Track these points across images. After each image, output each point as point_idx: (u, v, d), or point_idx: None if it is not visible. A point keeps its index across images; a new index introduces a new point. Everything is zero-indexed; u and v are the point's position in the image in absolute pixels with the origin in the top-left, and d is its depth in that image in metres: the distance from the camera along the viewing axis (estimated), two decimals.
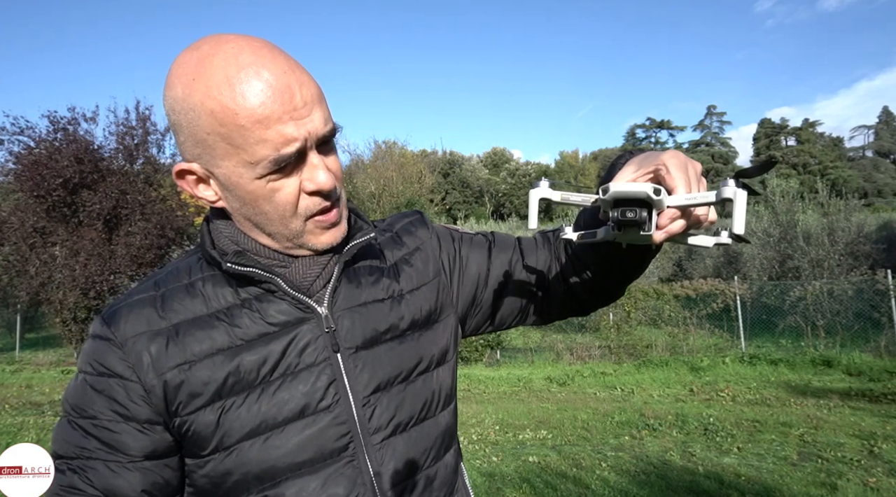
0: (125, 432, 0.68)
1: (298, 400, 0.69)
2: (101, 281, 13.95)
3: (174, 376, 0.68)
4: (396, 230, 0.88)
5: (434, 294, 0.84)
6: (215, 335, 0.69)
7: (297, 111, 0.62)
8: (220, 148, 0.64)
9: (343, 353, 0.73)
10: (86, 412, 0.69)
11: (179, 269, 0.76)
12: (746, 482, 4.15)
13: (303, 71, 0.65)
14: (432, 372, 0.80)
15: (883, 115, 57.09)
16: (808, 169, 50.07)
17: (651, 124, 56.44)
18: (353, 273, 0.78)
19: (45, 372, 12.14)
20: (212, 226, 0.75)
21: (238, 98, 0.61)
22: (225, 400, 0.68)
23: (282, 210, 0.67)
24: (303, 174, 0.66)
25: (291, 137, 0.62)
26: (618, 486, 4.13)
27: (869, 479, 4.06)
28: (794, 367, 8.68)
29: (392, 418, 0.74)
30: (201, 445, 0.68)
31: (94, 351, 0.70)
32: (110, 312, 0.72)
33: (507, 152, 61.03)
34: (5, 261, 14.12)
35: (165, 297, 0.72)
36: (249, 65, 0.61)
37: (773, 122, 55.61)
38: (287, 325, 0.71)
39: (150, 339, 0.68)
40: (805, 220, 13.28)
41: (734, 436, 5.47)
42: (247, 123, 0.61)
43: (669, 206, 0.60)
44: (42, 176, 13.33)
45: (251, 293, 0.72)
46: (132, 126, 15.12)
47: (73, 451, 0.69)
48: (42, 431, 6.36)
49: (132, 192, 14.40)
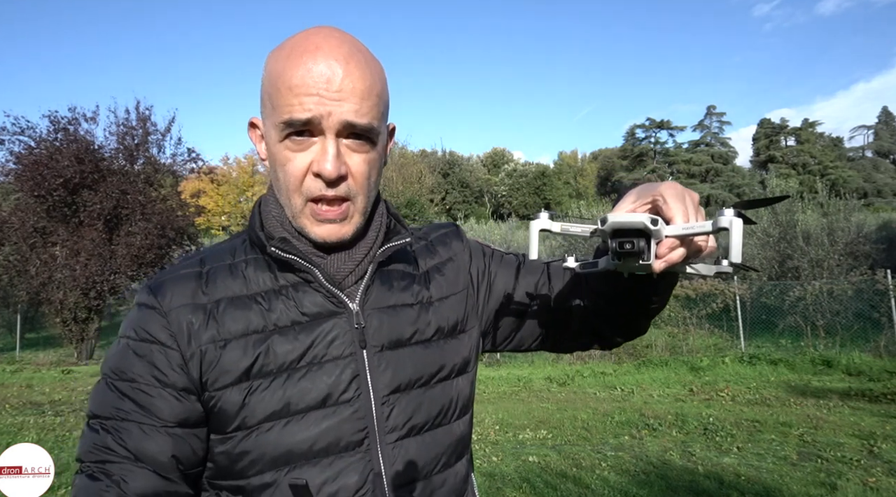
0: (161, 397, 0.70)
1: (322, 389, 0.72)
2: (102, 281, 13.95)
3: (209, 351, 0.71)
4: (431, 239, 0.90)
5: (461, 305, 0.85)
6: (251, 317, 0.72)
7: (328, 93, 0.67)
8: (267, 107, 0.71)
9: (369, 350, 0.75)
10: (125, 375, 0.71)
11: (225, 249, 0.79)
12: (746, 482, 4.15)
13: (363, 68, 0.69)
14: (452, 380, 0.82)
15: (882, 116, 57.08)
16: (807, 169, 50.04)
17: (651, 124, 56.37)
18: (386, 275, 0.80)
19: (45, 372, 12.13)
20: (262, 207, 0.79)
21: (288, 66, 0.68)
22: (252, 381, 0.71)
23: (289, 180, 0.71)
24: (316, 155, 0.70)
25: (307, 108, 0.67)
26: (618, 486, 4.13)
27: (869, 479, 4.06)
28: (793, 367, 8.68)
29: (408, 420, 0.75)
30: (225, 422, 0.71)
31: (138, 318, 0.73)
32: (157, 283, 0.75)
33: (507, 152, 61.02)
34: (5, 261, 14.11)
35: (209, 275, 0.75)
36: (313, 45, 0.68)
37: (772, 122, 55.60)
38: (319, 317, 0.74)
39: (191, 312, 0.72)
40: (805, 220, 13.28)
41: (734, 436, 5.48)
42: (282, 88, 0.68)
43: (668, 236, 0.61)
44: (42, 176, 13.33)
45: (289, 280, 0.75)
46: (132, 126, 15.13)
47: (109, 411, 0.71)
48: (42, 431, 6.36)
49: (132, 192, 14.40)
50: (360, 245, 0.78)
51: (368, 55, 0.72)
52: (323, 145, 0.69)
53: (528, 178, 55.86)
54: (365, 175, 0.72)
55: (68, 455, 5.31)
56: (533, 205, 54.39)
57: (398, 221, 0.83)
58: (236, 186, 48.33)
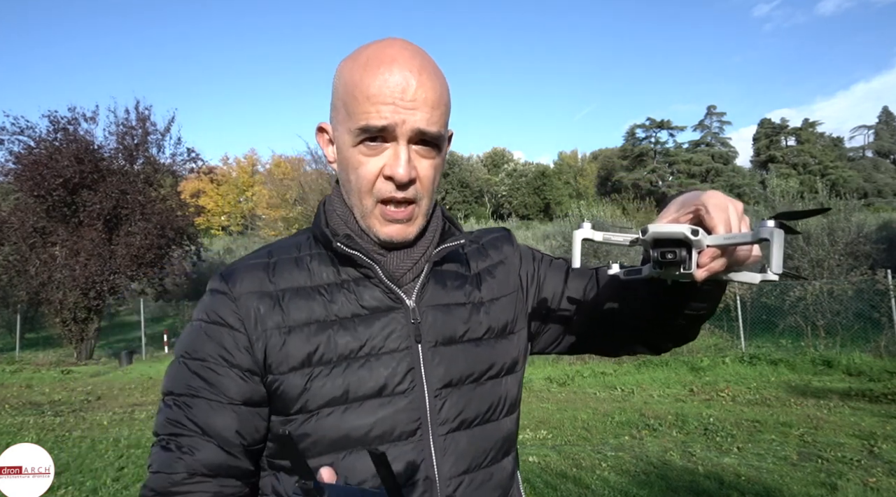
0: (228, 376, 0.75)
1: (378, 379, 0.75)
2: (101, 281, 13.95)
3: (274, 336, 0.76)
4: (483, 242, 0.94)
5: (511, 307, 0.89)
6: (314, 307, 0.77)
7: (403, 102, 0.72)
8: (341, 113, 0.76)
9: (423, 345, 0.79)
10: (196, 354, 0.77)
11: (291, 243, 0.85)
12: (746, 482, 4.15)
13: (433, 79, 0.75)
14: (501, 378, 0.85)
15: (883, 116, 57.09)
16: (808, 169, 50.04)
17: (651, 124, 56.36)
18: (441, 275, 0.84)
19: (45, 372, 12.13)
20: (327, 206, 0.85)
21: (365, 76, 0.73)
22: (313, 368, 0.75)
23: (361, 183, 0.76)
24: (389, 160, 0.74)
25: (384, 116, 0.72)
26: (618, 486, 4.13)
27: (869, 479, 4.06)
28: (794, 368, 8.67)
29: (459, 414, 0.79)
30: (287, 405, 0.75)
31: (211, 302, 0.79)
32: (229, 271, 0.81)
33: (507, 152, 61.02)
34: (5, 261, 14.11)
35: (276, 266, 0.80)
36: (389, 57, 0.73)
37: (772, 122, 55.60)
38: (378, 311, 0.78)
39: (259, 299, 0.77)
40: (805, 220, 13.27)
41: (734, 436, 5.48)
42: (360, 96, 0.73)
43: (709, 246, 0.61)
44: (42, 176, 13.33)
45: (350, 275, 0.79)
46: (132, 126, 15.13)
47: (182, 388, 0.76)
48: (42, 431, 6.36)
49: (132, 192, 14.40)
50: (419, 245, 0.83)
51: (437, 68, 0.78)
52: (395, 151, 0.74)
53: (528, 178, 55.87)
54: (430, 179, 0.78)
55: (68, 455, 5.31)
56: (533, 205, 54.40)
57: (452, 224, 0.88)
58: (236, 186, 48.34)
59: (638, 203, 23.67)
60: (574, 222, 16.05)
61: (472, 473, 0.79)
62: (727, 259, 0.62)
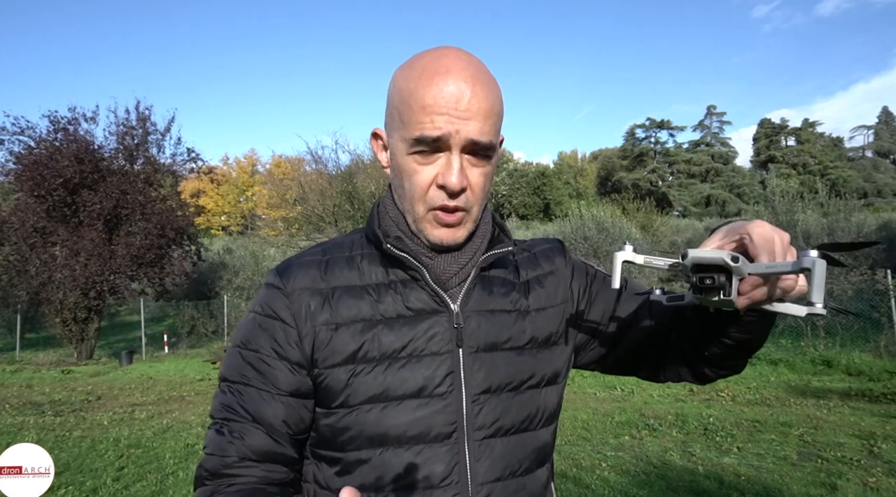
0: (278, 368, 0.78)
1: (418, 380, 0.77)
2: (101, 281, 13.95)
3: (323, 332, 0.78)
4: (535, 252, 0.94)
5: (558, 319, 0.88)
6: (362, 306, 0.79)
7: (458, 112, 0.72)
8: (396, 121, 0.77)
9: (465, 349, 0.80)
10: (250, 344, 0.80)
11: (345, 242, 0.87)
12: (746, 482, 4.15)
13: (487, 89, 0.75)
14: (542, 389, 0.85)
15: (882, 116, 57.07)
16: (807, 169, 50.04)
17: (651, 124, 56.35)
18: (487, 280, 0.85)
19: (45, 372, 12.13)
20: (380, 208, 0.87)
21: (420, 86, 0.73)
22: (357, 365, 0.77)
23: (415, 190, 0.77)
24: (441, 169, 0.75)
25: (438, 127, 0.73)
26: (618, 486, 4.13)
27: (869, 479, 4.06)
28: (793, 368, 8.67)
29: (496, 421, 0.79)
30: (331, 398, 0.78)
31: (266, 296, 0.82)
32: (284, 266, 0.84)
33: (507, 152, 60.99)
34: (5, 261, 14.11)
35: (329, 263, 0.83)
36: (443, 67, 0.74)
37: (772, 122, 55.59)
38: (422, 313, 0.80)
39: (311, 295, 0.80)
40: (805, 219, 13.28)
41: (734, 436, 5.48)
42: (415, 106, 0.74)
43: (750, 274, 0.61)
44: (42, 176, 13.33)
45: (398, 276, 0.81)
46: (132, 126, 15.13)
47: (236, 376, 0.80)
48: (42, 431, 6.36)
49: (132, 192, 14.40)
50: (466, 249, 0.83)
51: (490, 76, 0.78)
52: (448, 160, 0.75)
53: (528, 178, 55.85)
54: (482, 187, 0.78)
55: (68, 455, 5.31)
56: (533, 205, 54.39)
57: (503, 231, 0.89)
58: (236, 186, 48.33)
59: (638, 203, 23.64)
60: (574, 222, 16.04)
61: (506, 481, 0.80)
62: (770, 289, 0.62)
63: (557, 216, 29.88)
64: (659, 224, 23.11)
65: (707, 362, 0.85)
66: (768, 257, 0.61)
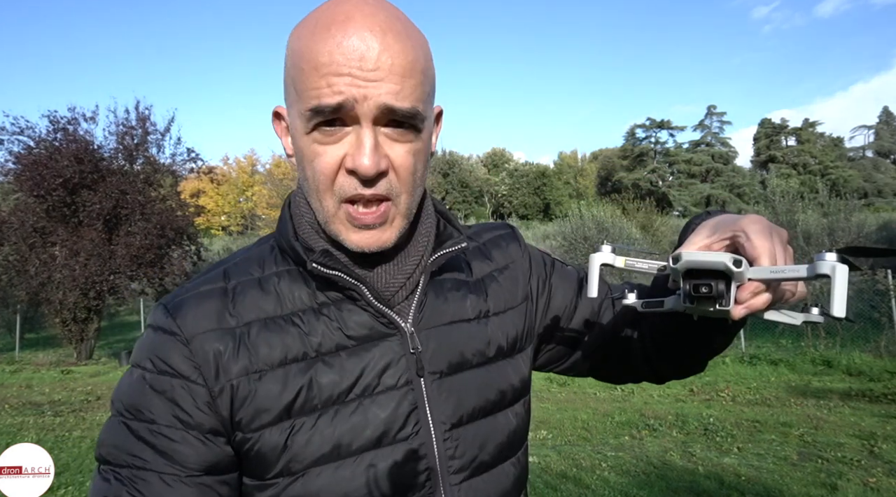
0: (185, 442, 0.60)
1: (376, 426, 0.62)
2: (101, 281, 13.94)
3: (242, 385, 0.61)
4: (485, 241, 0.79)
5: (521, 320, 0.76)
6: (289, 342, 0.62)
7: (362, 72, 0.55)
8: (291, 93, 0.60)
9: (427, 378, 0.65)
10: (143, 415, 0.61)
11: (251, 258, 0.68)
12: (746, 482, 4.15)
13: (403, 41, 0.57)
14: (514, 406, 0.73)
15: (883, 115, 57.07)
16: (808, 169, 50.03)
17: (651, 124, 56.34)
18: (439, 286, 0.70)
19: (44, 372, 12.13)
20: (293, 209, 0.69)
21: (312, 42, 0.56)
22: (294, 419, 0.61)
23: (319, 179, 0.60)
24: (350, 148, 0.58)
25: (338, 90, 0.55)
26: (618, 487, 4.13)
27: (869, 479, 4.06)
28: (794, 368, 8.67)
29: (475, 457, 0.67)
30: (265, 467, 0.61)
31: (155, 345, 0.62)
32: (176, 303, 0.64)
33: (507, 153, 61.02)
34: (5, 261, 14.10)
35: (236, 292, 0.64)
36: (343, 15, 0.56)
37: (773, 122, 55.59)
38: (367, 340, 0.64)
39: (218, 339, 0.61)
40: (805, 220, 13.27)
41: (734, 436, 5.47)
42: (307, 67, 0.57)
43: (751, 279, 0.53)
44: (42, 176, 13.32)
45: (330, 297, 0.65)
46: (132, 126, 15.12)
47: (124, 458, 0.60)
48: (42, 431, 6.36)
49: (132, 192, 14.39)
50: (409, 253, 0.68)
51: (410, 25, 0.60)
52: (358, 135, 0.57)
53: (528, 178, 55.87)
54: (409, 169, 0.60)
55: (68, 455, 5.31)
56: (532, 205, 54.40)
57: (449, 221, 0.72)
58: (236, 186, 48.34)
59: (638, 203, 23.64)
60: (574, 222, 16.02)
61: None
62: (770, 297, 0.54)
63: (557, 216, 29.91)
64: (659, 224, 23.10)
65: (670, 362, 0.78)
66: (769, 259, 0.53)
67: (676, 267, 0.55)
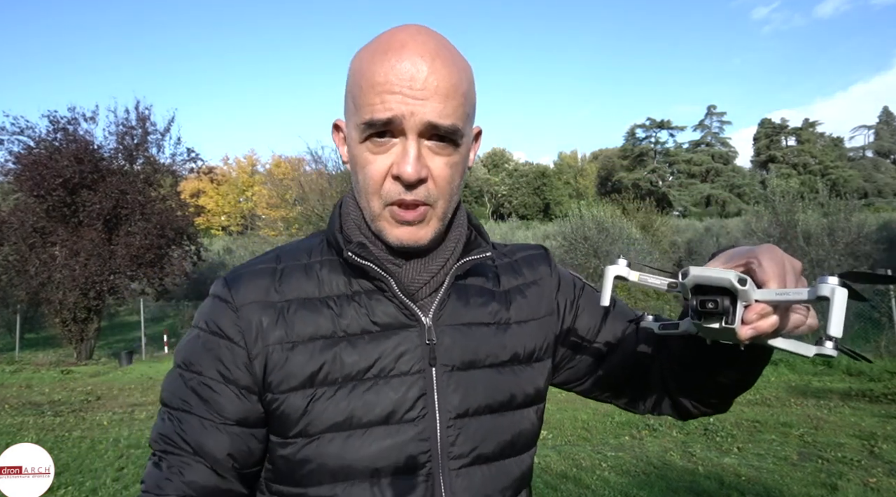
0: (224, 394, 0.70)
1: (386, 405, 0.69)
2: (101, 281, 13.94)
3: (276, 352, 0.70)
4: (517, 258, 0.86)
5: (542, 333, 0.81)
6: (321, 321, 0.71)
7: (411, 91, 0.64)
8: (350, 106, 0.70)
9: (438, 369, 0.72)
10: (193, 367, 0.72)
11: (302, 248, 0.78)
12: (746, 482, 4.15)
13: (449, 67, 0.66)
14: (524, 410, 0.78)
15: (883, 115, 57.07)
16: (808, 169, 50.05)
17: (651, 124, 56.36)
18: (463, 289, 0.77)
19: (44, 372, 12.12)
20: (342, 208, 0.78)
21: (373, 64, 0.66)
22: (316, 388, 0.69)
23: (369, 183, 0.69)
24: (396, 157, 0.67)
25: (389, 107, 0.65)
26: (618, 487, 4.13)
27: (869, 479, 4.06)
28: (794, 368, 8.68)
29: (475, 448, 0.72)
30: (287, 426, 0.70)
31: (212, 310, 0.73)
32: (233, 276, 0.75)
33: (507, 152, 61.01)
34: (5, 261, 14.10)
35: (284, 273, 0.74)
36: (399, 42, 0.66)
37: (773, 122, 55.61)
38: (389, 328, 0.72)
39: (262, 310, 0.71)
40: (805, 220, 13.27)
41: (734, 436, 5.48)
42: (365, 85, 0.66)
43: (758, 301, 0.55)
44: (42, 176, 13.31)
45: (363, 287, 0.73)
46: (132, 126, 15.12)
47: (176, 402, 0.72)
48: (42, 431, 6.36)
49: (132, 192, 14.39)
50: (437, 255, 0.75)
51: (455, 53, 0.70)
52: (403, 146, 0.66)
53: (528, 178, 55.88)
54: (446, 179, 0.69)
55: (68, 455, 5.31)
56: (532, 205, 54.41)
57: (480, 234, 0.80)
58: (236, 186, 48.32)
59: (638, 203, 23.64)
60: (574, 222, 16.02)
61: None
62: (779, 320, 0.56)
63: (557, 216, 29.89)
64: (659, 224, 23.11)
65: (690, 397, 0.80)
66: (778, 284, 0.55)
67: (685, 282, 0.57)
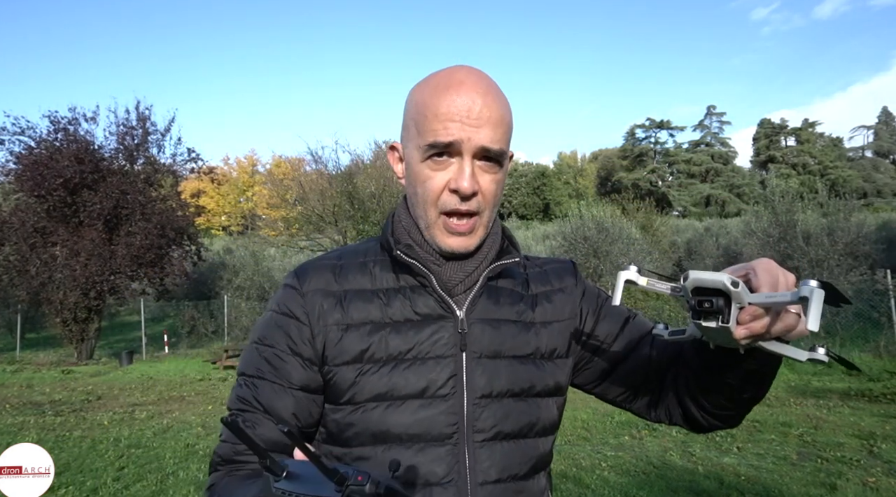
0: (291, 364, 0.83)
1: (422, 382, 0.81)
2: (102, 281, 13.95)
3: (334, 331, 0.83)
4: (546, 269, 0.98)
5: (563, 334, 0.92)
6: (371, 309, 0.84)
7: (469, 120, 0.78)
8: (411, 131, 0.84)
9: (468, 354, 0.84)
10: (266, 341, 0.85)
11: (360, 249, 0.93)
12: (746, 482, 4.15)
13: (497, 101, 0.81)
14: (542, 399, 0.88)
15: (882, 116, 57.04)
16: (807, 169, 50.03)
17: (651, 124, 56.33)
18: (495, 290, 0.89)
19: (45, 372, 12.14)
20: (394, 217, 0.92)
21: (435, 97, 0.80)
22: (364, 364, 0.82)
23: (428, 196, 0.82)
24: (454, 174, 0.81)
25: (451, 133, 0.78)
26: (618, 486, 4.14)
27: (868, 479, 4.06)
28: (793, 367, 8.68)
29: (495, 425, 0.83)
30: (338, 394, 0.82)
31: (283, 296, 0.87)
32: (303, 268, 0.90)
33: None
34: (5, 261, 14.11)
35: (343, 268, 0.88)
36: (457, 80, 0.80)
37: (772, 122, 55.58)
38: (429, 318, 0.84)
39: (324, 296, 0.85)
40: (805, 220, 13.26)
41: (734, 436, 5.48)
42: (429, 115, 0.80)
43: (750, 303, 0.62)
44: (42, 176, 13.33)
45: (408, 282, 0.86)
46: (132, 126, 15.14)
47: (252, 370, 0.85)
48: (42, 431, 6.36)
49: (132, 192, 14.40)
50: (474, 258, 0.87)
51: (500, 91, 0.84)
52: (460, 165, 0.80)
53: (527, 178, 55.84)
54: (492, 193, 0.83)
55: (68, 455, 5.32)
56: (532, 205, 54.39)
57: (512, 243, 0.93)
58: (236, 186, 48.34)
59: (638, 203, 23.62)
60: (574, 222, 16.03)
61: (504, 483, 0.83)
62: (771, 323, 0.63)
63: (557, 216, 29.86)
64: (659, 224, 23.08)
65: (701, 408, 0.88)
66: (770, 289, 0.62)
67: (685, 285, 0.65)
